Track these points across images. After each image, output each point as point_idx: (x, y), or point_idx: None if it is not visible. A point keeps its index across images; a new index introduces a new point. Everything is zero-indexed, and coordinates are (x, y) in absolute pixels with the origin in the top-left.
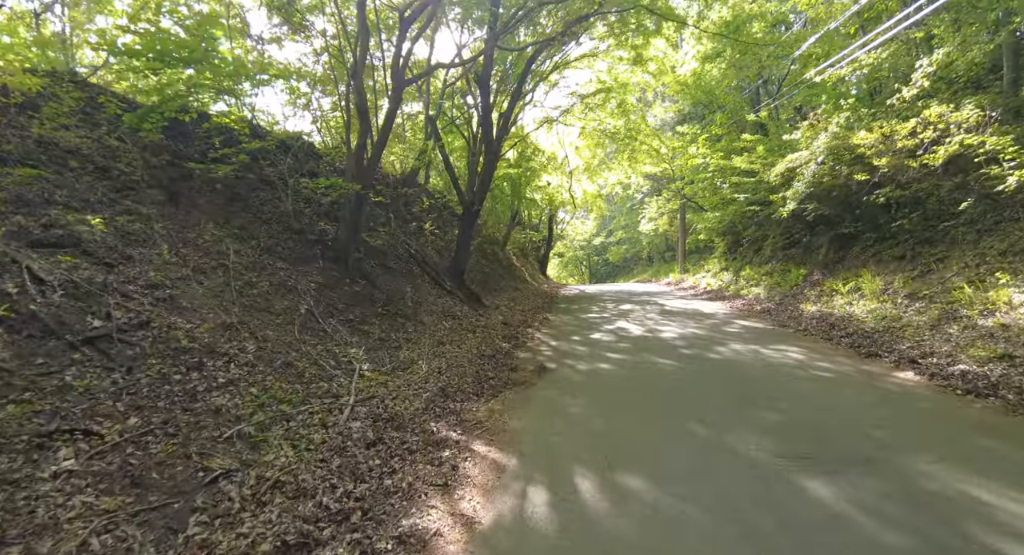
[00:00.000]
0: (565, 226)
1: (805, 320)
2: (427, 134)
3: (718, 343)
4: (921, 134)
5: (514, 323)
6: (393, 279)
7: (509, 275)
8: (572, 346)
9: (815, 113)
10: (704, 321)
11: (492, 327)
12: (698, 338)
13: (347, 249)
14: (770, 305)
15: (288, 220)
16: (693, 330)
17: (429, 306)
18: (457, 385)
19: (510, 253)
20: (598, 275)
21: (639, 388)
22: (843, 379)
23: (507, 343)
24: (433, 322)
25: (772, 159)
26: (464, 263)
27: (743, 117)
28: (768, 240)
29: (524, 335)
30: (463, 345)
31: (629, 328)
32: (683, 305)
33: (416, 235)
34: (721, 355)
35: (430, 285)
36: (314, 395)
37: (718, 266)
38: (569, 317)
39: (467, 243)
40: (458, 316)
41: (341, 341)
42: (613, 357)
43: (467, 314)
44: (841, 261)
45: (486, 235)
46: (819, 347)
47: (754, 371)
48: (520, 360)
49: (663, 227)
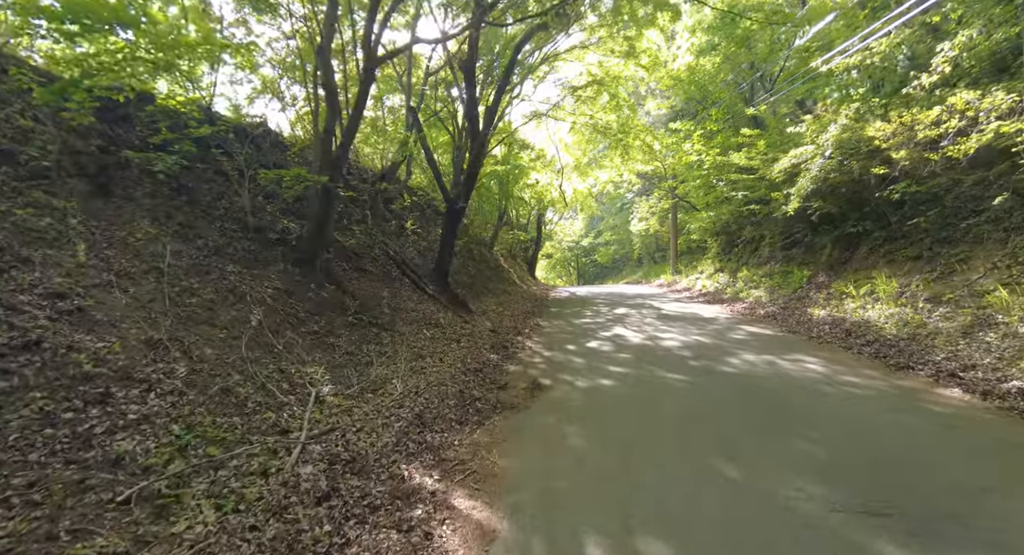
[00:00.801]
0: (554, 226)
1: (816, 326)
2: (408, 126)
3: (727, 353)
4: (946, 123)
5: (503, 330)
6: (368, 283)
7: (497, 277)
8: (567, 357)
9: (823, 103)
10: (706, 327)
11: (479, 335)
12: (704, 347)
13: (313, 250)
14: (774, 309)
15: (245, 217)
16: (697, 337)
17: (408, 313)
18: (437, 410)
19: (498, 254)
20: (587, 276)
21: (648, 411)
22: (881, 398)
23: (496, 354)
24: (412, 331)
25: (773, 155)
26: (448, 265)
27: (739, 113)
28: (765, 240)
29: (514, 344)
30: (446, 358)
31: (627, 335)
32: (681, 309)
33: (396, 235)
34: (734, 368)
35: (410, 289)
36: (256, 430)
37: (712, 267)
38: (562, 323)
39: (451, 243)
40: (441, 324)
41: (299, 358)
42: (614, 370)
43: (451, 321)
44: (847, 262)
45: (472, 235)
46: (839, 357)
47: (775, 388)
48: (511, 375)
49: (654, 227)
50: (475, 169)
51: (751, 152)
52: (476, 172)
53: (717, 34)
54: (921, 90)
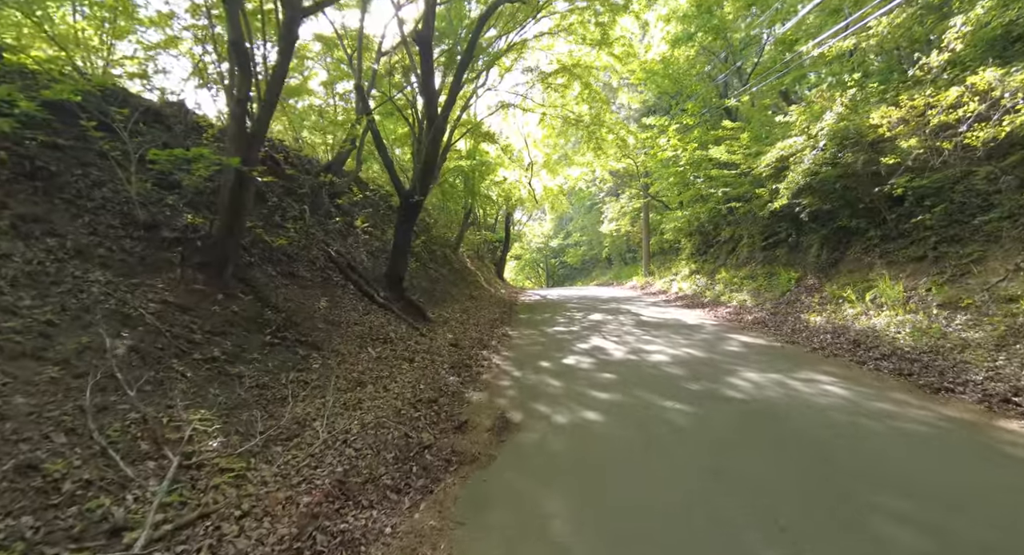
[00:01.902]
0: (523, 227)
1: (816, 335)
2: (358, 110)
3: (726, 371)
4: (966, 106)
5: (466, 344)
6: (300, 291)
7: (462, 281)
8: (541, 378)
9: (818, 90)
10: (693, 336)
11: (437, 351)
12: (698, 363)
13: (224, 251)
14: (763, 315)
15: (132, 210)
16: (686, 350)
17: (350, 327)
18: (369, 469)
19: (463, 256)
20: (556, 277)
21: (653, 467)
22: (943, 438)
23: (456, 376)
24: (353, 351)
25: (757, 149)
26: (403, 268)
27: (715, 107)
28: (744, 240)
29: (479, 362)
30: (392, 384)
31: (607, 348)
32: (660, 314)
33: (343, 234)
34: (740, 392)
35: (356, 298)
36: (64, 536)
37: (687, 269)
38: (533, 332)
39: (406, 243)
40: (391, 339)
41: (179, 398)
42: (598, 398)
43: (404, 334)
44: (837, 263)
45: (436, 236)
46: (856, 375)
47: (801, 423)
48: (472, 407)
49: (625, 227)
50: (433, 157)
51: (733, 146)
52: (435, 161)
53: (693, 23)
54: (927, 72)
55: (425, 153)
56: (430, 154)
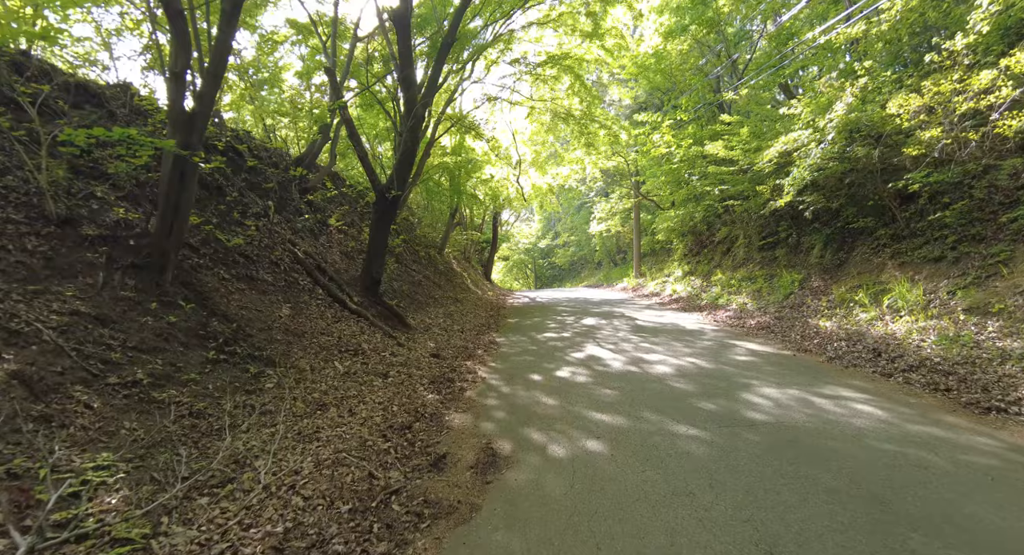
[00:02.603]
0: (510, 227)
1: (829, 342)
2: (331, 96)
3: (739, 385)
4: (998, 91)
5: (449, 353)
6: (259, 297)
7: (448, 283)
8: (533, 396)
9: (823, 78)
10: (695, 343)
11: (416, 364)
12: (706, 375)
13: (162, 251)
14: (767, 319)
15: (43, 202)
16: (690, 359)
17: (315, 338)
18: (317, 530)
19: (449, 257)
20: (544, 279)
21: (682, 523)
22: (1013, 472)
23: (436, 393)
24: (317, 366)
25: (757, 144)
26: (379, 270)
27: (711, 102)
28: (740, 240)
29: (462, 375)
30: (360, 406)
31: (604, 357)
32: (656, 318)
33: (314, 233)
34: (761, 412)
35: (325, 303)
36: None
37: (681, 270)
38: (522, 339)
39: (383, 242)
40: (364, 350)
41: (79, 438)
42: (601, 422)
43: (379, 345)
44: (843, 265)
45: (420, 236)
46: (885, 390)
47: (842, 455)
48: (454, 435)
49: (615, 228)
50: (412, 148)
51: (732, 141)
52: (413, 152)
53: (687, 15)
54: (947, 57)
55: (403, 143)
56: (408, 145)
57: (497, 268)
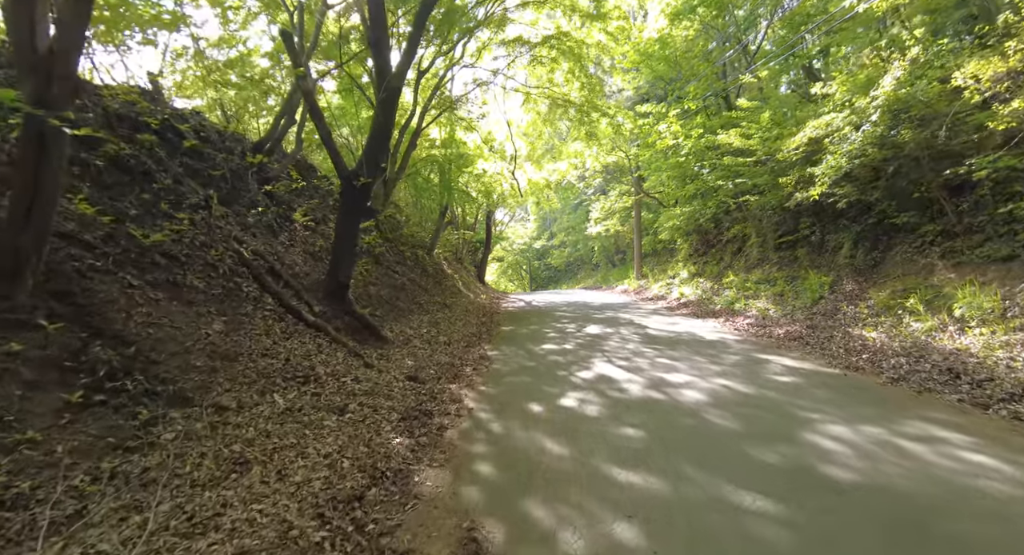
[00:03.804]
0: (505, 228)
1: (884, 358)
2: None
3: (795, 420)
4: None
5: (430, 374)
6: (181, 310)
7: (436, 287)
8: (533, 438)
9: (870, 50)
10: (721, 358)
11: (385, 391)
12: (748, 404)
13: (17, 248)
14: (797, 328)
15: None
16: (722, 381)
17: (253, 361)
18: None
19: (439, 258)
20: (539, 280)
21: None
22: None
23: (405, 437)
24: (248, 401)
25: (778, 131)
26: (347, 273)
27: (720, 89)
28: (752, 239)
29: (443, 407)
30: (298, 463)
31: (617, 378)
32: (668, 326)
33: (272, 230)
34: (843, 466)
35: (274, 315)
36: None
37: (687, 272)
38: (518, 352)
39: (351, 240)
40: (317, 376)
41: None
42: (628, 485)
43: (340, 368)
44: (878, 265)
45: (407, 235)
46: (990, 429)
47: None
48: (422, 511)
49: (614, 227)
50: (386, 125)
51: (751, 128)
52: (388, 130)
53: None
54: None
55: (375, 120)
56: (382, 122)
57: (491, 269)
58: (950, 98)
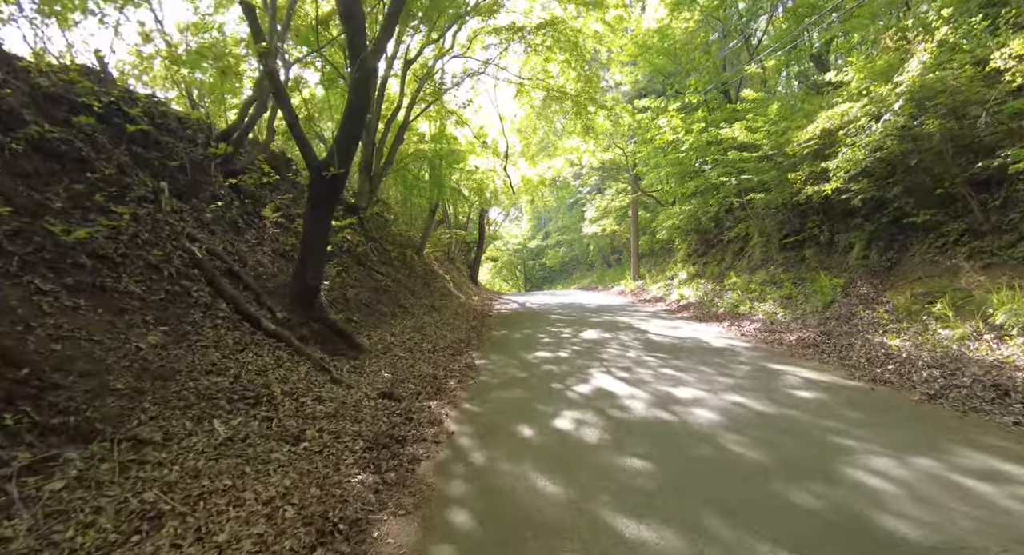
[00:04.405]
0: (499, 227)
1: (914, 370)
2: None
3: (829, 448)
4: None
5: (408, 389)
6: (105, 320)
7: (424, 288)
8: (523, 474)
9: (892, 30)
10: (731, 368)
11: (353, 413)
12: (770, 427)
13: None
14: (809, 334)
15: None
16: (735, 397)
17: (194, 380)
18: None
19: (430, 257)
20: (534, 280)
21: None
22: None
23: (371, 473)
24: (179, 431)
25: (785, 124)
26: (316, 275)
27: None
28: (755, 238)
29: (420, 431)
30: (226, 516)
31: (618, 392)
32: (669, 331)
33: (237, 227)
34: (903, 518)
35: (228, 324)
36: None
37: (686, 272)
38: (509, 362)
39: (321, 238)
40: (272, 396)
41: None
42: (638, 542)
43: (301, 385)
44: (894, 266)
45: (395, 234)
46: None
47: None
48: None
49: (611, 227)
50: (360, 109)
51: (756, 121)
52: (361, 114)
53: None
54: None
55: (349, 103)
56: (356, 105)
57: (485, 269)
58: (985, 83)
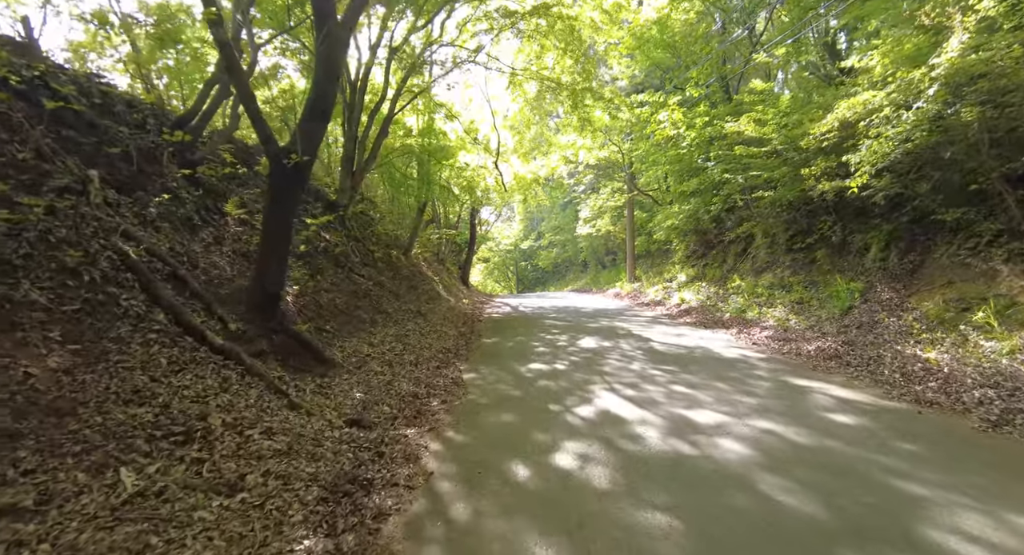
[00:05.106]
0: (490, 228)
1: (963, 389)
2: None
3: (902, 500)
4: None
5: (383, 414)
6: None
7: (411, 292)
8: (513, 534)
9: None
10: (750, 385)
11: (308, 450)
12: (816, 466)
13: None
14: (830, 344)
15: None
16: (764, 422)
17: (99, 414)
18: None
19: (418, 258)
20: (526, 281)
21: None
22: None
23: (321, 536)
24: (67, 488)
25: (797, 116)
26: (277, 279)
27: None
28: (758, 239)
29: (390, 473)
30: None
31: (627, 417)
32: (673, 338)
33: (191, 224)
34: None
35: (163, 340)
36: None
37: (685, 275)
38: (500, 376)
39: (283, 235)
40: (209, 430)
41: None
42: None
43: (249, 413)
44: (918, 269)
45: (381, 234)
46: None
47: None
48: None
49: (605, 227)
50: (327, 87)
51: (766, 113)
52: (329, 93)
53: None
54: None
55: (315, 80)
56: (323, 83)
57: (477, 270)
58: None
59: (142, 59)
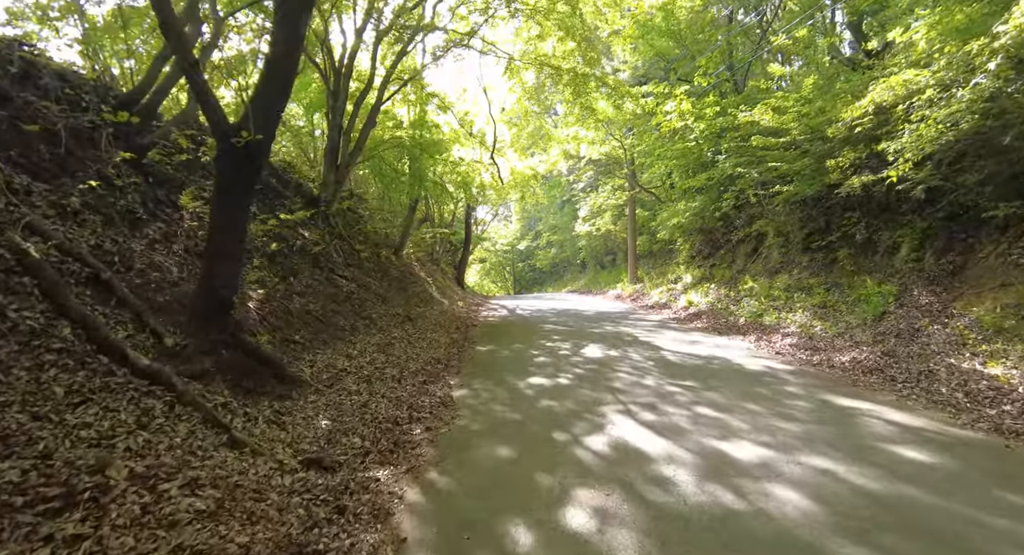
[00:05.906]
0: (487, 227)
1: None
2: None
3: None
4: None
5: (349, 451)
6: None
7: (400, 294)
8: None
9: None
10: (786, 405)
11: (242, 508)
12: (908, 531)
13: None
14: (866, 355)
15: None
16: (815, 459)
17: None
18: None
19: (410, 258)
20: (524, 282)
21: None
22: None
23: None
24: None
25: (820, 104)
26: (230, 282)
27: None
28: (770, 238)
29: (351, 538)
30: None
31: (649, 452)
32: (687, 346)
33: (133, 217)
34: None
35: (67, 362)
36: None
37: (691, 276)
38: (496, 393)
39: (235, 231)
40: (104, 488)
41: None
42: None
43: (171, 458)
44: (960, 270)
45: (370, 232)
46: None
47: None
48: None
49: (606, 226)
50: (288, 56)
51: (787, 100)
52: (291, 63)
53: None
54: None
55: (273, 46)
56: (281, 51)
57: (473, 270)
58: None
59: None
